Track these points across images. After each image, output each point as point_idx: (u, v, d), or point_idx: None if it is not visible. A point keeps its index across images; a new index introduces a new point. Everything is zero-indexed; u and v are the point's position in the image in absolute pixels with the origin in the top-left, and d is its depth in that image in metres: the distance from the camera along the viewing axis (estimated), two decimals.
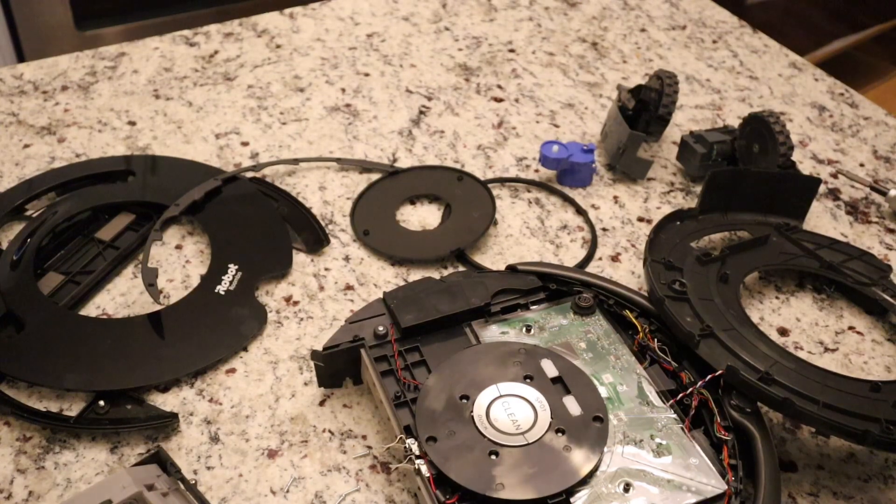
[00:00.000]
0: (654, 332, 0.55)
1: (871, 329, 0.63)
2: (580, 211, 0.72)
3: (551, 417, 0.49)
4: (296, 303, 0.62)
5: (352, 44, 0.93)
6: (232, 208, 0.69)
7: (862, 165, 0.79)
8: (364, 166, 0.75)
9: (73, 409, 0.54)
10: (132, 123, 0.79)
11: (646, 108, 0.76)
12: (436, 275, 0.63)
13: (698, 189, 0.74)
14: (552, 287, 0.58)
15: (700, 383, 0.50)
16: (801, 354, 0.60)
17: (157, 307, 0.60)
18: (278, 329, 0.60)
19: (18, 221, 0.68)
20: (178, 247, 0.67)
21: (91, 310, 0.61)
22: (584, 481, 0.46)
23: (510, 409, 0.49)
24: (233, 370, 0.57)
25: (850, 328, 0.63)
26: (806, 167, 0.78)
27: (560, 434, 0.48)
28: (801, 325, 0.63)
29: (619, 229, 0.70)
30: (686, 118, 0.84)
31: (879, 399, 0.50)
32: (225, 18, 0.96)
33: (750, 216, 0.68)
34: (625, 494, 0.46)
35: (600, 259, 0.67)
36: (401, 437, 0.48)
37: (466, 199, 0.71)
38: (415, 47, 0.93)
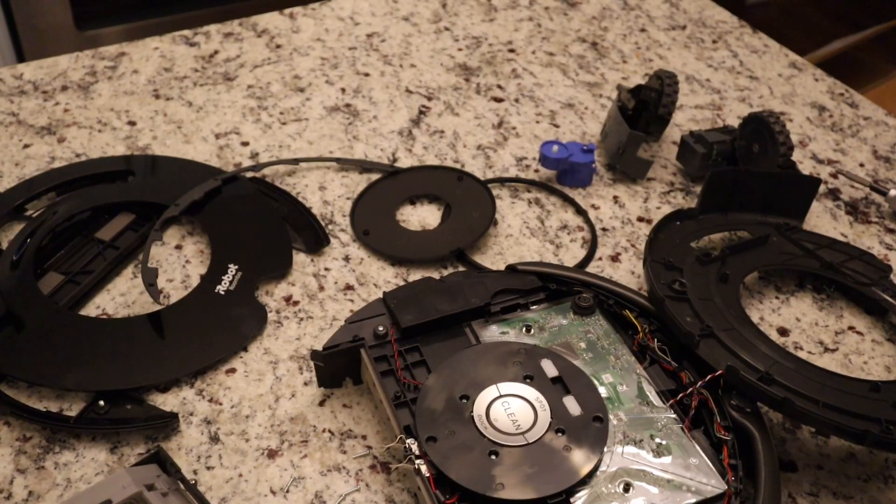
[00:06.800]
0: (654, 332, 0.55)
1: (871, 329, 0.63)
2: (580, 211, 0.72)
3: (551, 417, 0.49)
4: (296, 303, 0.62)
5: (352, 44, 0.93)
6: (232, 208, 0.69)
7: (862, 165, 0.79)
8: (364, 166, 0.75)
9: (73, 409, 0.54)
10: (132, 123, 0.79)
11: (646, 108, 0.76)
12: (436, 275, 0.63)
13: (698, 189, 0.74)
14: (552, 287, 0.58)
15: (700, 383, 0.50)
16: (801, 354, 0.60)
17: (157, 307, 0.60)
18: (278, 329, 0.60)
19: (18, 221, 0.68)
20: (178, 247, 0.67)
21: (91, 310, 0.61)
22: (584, 481, 0.46)
23: (510, 409, 0.49)
24: (233, 370, 0.57)
25: (850, 328, 0.63)
26: (806, 167, 0.78)
27: (560, 434, 0.48)
28: (801, 325, 0.63)
29: (619, 229, 0.70)
30: (686, 118, 0.84)
31: (879, 399, 0.50)
32: (225, 18, 0.96)
33: (750, 216, 0.68)
34: (625, 494, 0.46)
35: (600, 259, 0.67)
36: (401, 437, 0.48)
37: (466, 199, 0.71)
38: (415, 47, 0.93)
